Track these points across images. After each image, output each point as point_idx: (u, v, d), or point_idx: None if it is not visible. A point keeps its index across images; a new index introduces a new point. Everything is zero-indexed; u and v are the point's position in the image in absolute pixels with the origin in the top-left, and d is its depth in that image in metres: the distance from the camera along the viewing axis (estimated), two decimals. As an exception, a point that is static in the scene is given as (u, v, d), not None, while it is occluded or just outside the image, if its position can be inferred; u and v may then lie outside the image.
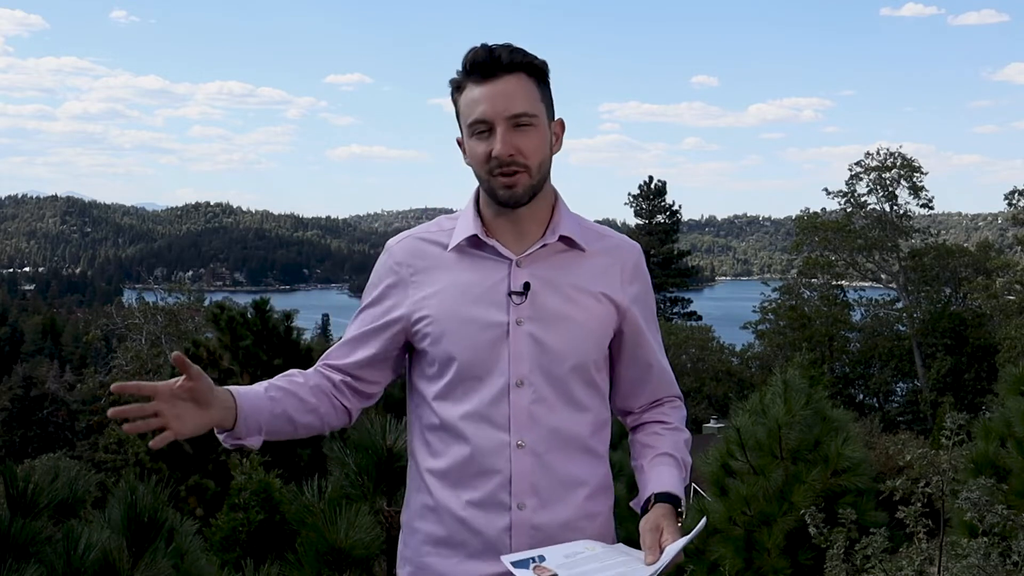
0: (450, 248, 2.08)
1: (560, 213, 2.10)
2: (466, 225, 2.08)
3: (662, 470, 2.09)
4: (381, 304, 2.13)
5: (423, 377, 2.13)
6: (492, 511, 2.02)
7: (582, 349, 2.06)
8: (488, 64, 1.99)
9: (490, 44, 2.02)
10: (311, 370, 2.17)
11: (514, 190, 2.00)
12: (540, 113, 2.03)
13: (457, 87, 2.04)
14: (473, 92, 2.00)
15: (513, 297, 2.03)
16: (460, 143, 2.10)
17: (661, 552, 1.90)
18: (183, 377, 1.89)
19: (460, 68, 2.03)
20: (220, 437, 2.00)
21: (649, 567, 1.87)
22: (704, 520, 1.95)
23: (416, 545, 2.12)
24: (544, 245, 2.07)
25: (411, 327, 2.09)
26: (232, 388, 2.00)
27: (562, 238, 2.08)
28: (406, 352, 2.18)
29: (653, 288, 2.25)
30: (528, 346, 2.03)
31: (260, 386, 2.06)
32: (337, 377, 2.15)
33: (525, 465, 2.02)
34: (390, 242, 2.17)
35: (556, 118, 2.10)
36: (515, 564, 1.88)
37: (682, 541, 1.89)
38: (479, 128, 2.00)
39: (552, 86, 2.10)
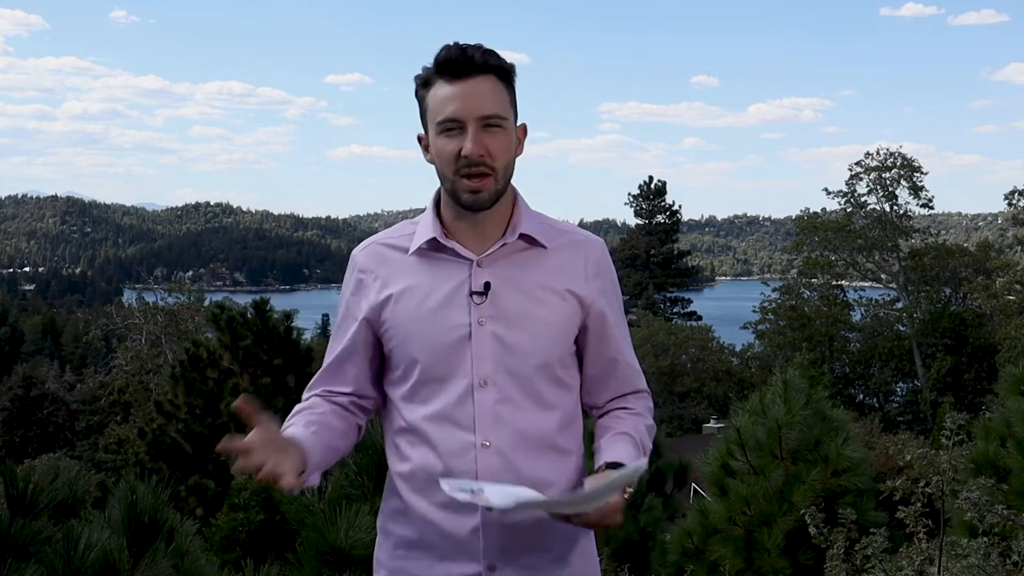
0: (411, 252, 2.09)
1: (520, 211, 2.10)
2: (426, 228, 2.08)
3: (617, 446, 2.07)
4: (351, 315, 2.14)
5: (390, 381, 2.14)
6: (461, 513, 2.02)
7: (546, 347, 2.06)
8: (461, 63, 1.98)
9: (462, 43, 2.01)
10: (315, 398, 2.16)
11: (479, 195, 2.00)
12: (509, 116, 2.03)
13: (424, 83, 2.04)
14: (444, 90, 1.99)
15: (474, 297, 2.03)
16: (422, 140, 2.09)
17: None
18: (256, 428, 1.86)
19: (430, 65, 2.02)
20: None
21: (557, 498, 1.89)
22: (631, 468, 1.89)
23: (389, 549, 2.12)
24: (504, 244, 2.06)
25: (378, 331, 2.11)
26: (288, 434, 1.97)
27: (523, 236, 2.07)
28: None
29: (654, 288, 2.26)
30: (491, 346, 2.03)
31: (299, 426, 2.03)
32: (344, 400, 2.16)
33: (491, 466, 2.01)
34: (355, 251, 2.18)
35: (520, 123, 2.10)
36: (453, 488, 1.92)
37: (601, 481, 1.87)
38: (449, 126, 1.99)
39: (552, 89, 2.11)
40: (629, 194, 56.05)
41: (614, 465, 1.99)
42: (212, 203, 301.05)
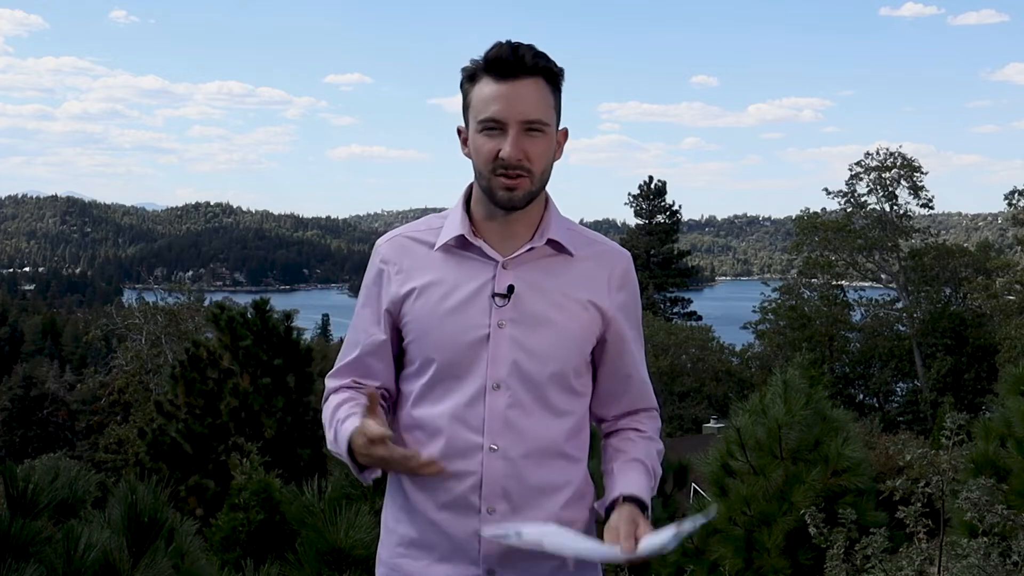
0: (436, 247, 2.07)
1: (550, 216, 2.08)
2: (454, 225, 2.06)
3: (631, 475, 2.06)
4: (371, 305, 2.13)
5: (404, 376, 2.12)
6: (462, 514, 2.01)
7: (563, 355, 2.04)
8: (511, 63, 1.96)
9: (514, 42, 1.99)
10: (349, 390, 2.13)
11: (513, 194, 1.99)
12: (552, 122, 2.01)
13: (471, 77, 2.01)
14: (490, 88, 1.97)
15: (496, 299, 2.01)
16: (461, 132, 2.07)
17: (637, 542, 1.89)
18: (372, 418, 1.93)
19: (479, 59, 2.00)
20: (363, 476, 2.01)
21: (625, 551, 1.88)
22: (693, 523, 1.90)
23: (391, 546, 2.12)
24: (531, 248, 2.04)
25: (398, 323, 2.09)
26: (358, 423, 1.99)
27: (550, 242, 2.06)
28: None
29: (654, 288, 2.26)
30: (508, 349, 2.01)
31: (358, 416, 2.02)
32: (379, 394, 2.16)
33: (497, 469, 2.00)
34: (379, 240, 2.17)
35: (561, 127, 2.08)
36: (496, 536, 1.91)
37: (666, 534, 1.87)
38: (490, 126, 1.97)
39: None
40: (629, 194, 55.97)
41: (631, 499, 1.99)
42: (212, 203, 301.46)
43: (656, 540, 1.87)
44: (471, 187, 2.10)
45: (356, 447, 1.94)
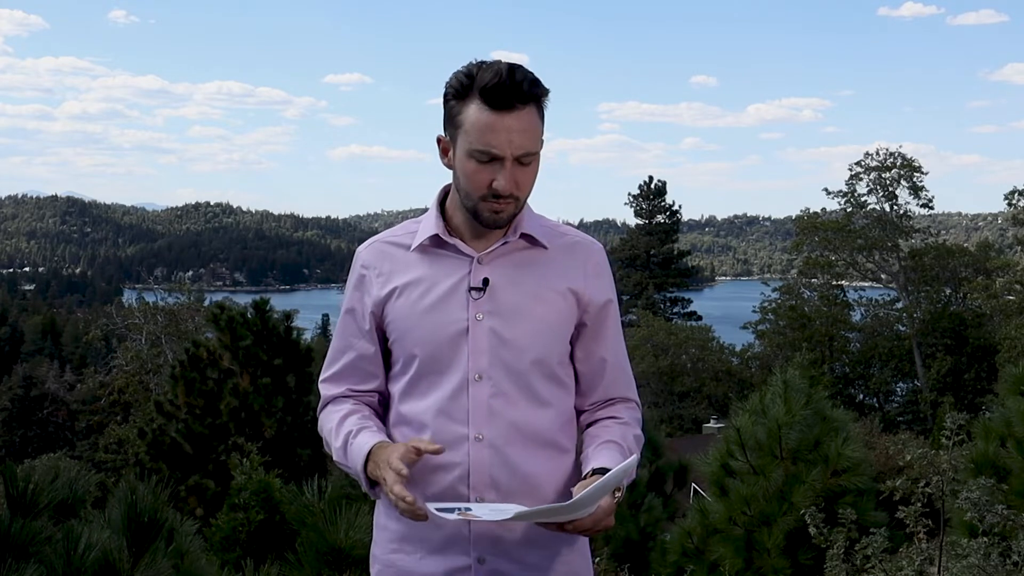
0: (412, 248, 2.12)
1: (523, 213, 2.12)
2: (428, 225, 2.12)
3: (604, 453, 2.06)
4: (357, 311, 2.17)
5: (390, 376, 2.18)
6: (453, 505, 2.03)
7: (543, 344, 2.08)
8: (507, 92, 1.96)
9: (511, 67, 1.98)
10: (348, 400, 2.18)
11: (499, 216, 2.04)
12: (540, 148, 2.05)
13: (460, 95, 2.00)
14: (484, 116, 1.97)
15: (472, 293, 2.06)
16: (441, 141, 2.08)
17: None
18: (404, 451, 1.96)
19: (467, 76, 1.99)
20: (374, 492, 2.05)
21: (547, 507, 1.90)
22: (620, 468, 1.89)
23: (383, 543, 2.15)
24: (505, 243, 2.09)
25: (381, 325, 2.14)
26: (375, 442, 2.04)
27: (524, 236, 2.11)
28: None
29: (654, 288, 2.27)
30: (488, 341, 2.05)
31: (373, 430, 2.08)
32: (373, 400, 2.20)
33: (483, 458, 2.03)
34: (360, 247, 2.22)
35: None
36: (439, 510, 1.91)
37: (591, 486, 1.87)
38: (484, 157, 1.99)
39: (551, 89, 2.09)
40: (629, 194, 56.07)
41: (601, 471, 1.98)
42: (212, 203, 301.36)
43: (584, 491, 1.87)
44: (447, 189, 2.14)
45: (375, 473, 1.99)
